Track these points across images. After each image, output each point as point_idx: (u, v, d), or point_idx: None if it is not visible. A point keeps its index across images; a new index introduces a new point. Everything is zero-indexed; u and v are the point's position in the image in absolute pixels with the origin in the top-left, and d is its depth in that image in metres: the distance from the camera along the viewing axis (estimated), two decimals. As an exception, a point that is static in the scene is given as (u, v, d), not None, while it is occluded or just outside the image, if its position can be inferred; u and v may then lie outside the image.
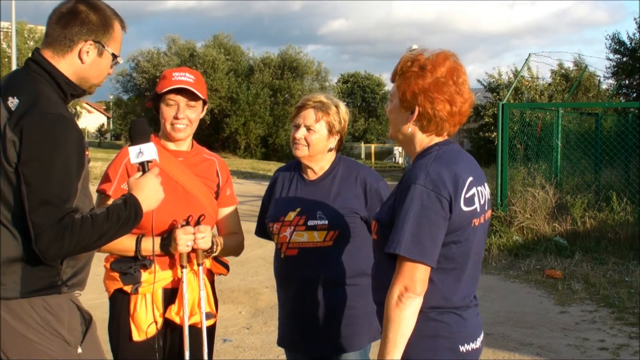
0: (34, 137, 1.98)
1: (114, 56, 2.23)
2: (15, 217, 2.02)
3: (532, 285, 7.48)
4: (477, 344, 2.15)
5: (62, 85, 2.15)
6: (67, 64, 2.16)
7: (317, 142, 2.86)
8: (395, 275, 2.00)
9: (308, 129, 2.86)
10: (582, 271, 7.96)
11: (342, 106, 2.94)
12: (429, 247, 1.98)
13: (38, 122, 1.99)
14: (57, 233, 1.96)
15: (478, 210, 2.10)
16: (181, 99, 2.75)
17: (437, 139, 2.15)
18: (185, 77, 2.76)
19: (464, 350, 2.09)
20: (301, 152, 2.88)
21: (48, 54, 2.15)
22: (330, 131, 2.89)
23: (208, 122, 35.79)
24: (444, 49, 2.14)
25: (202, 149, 2.97)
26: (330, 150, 2.92)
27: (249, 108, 35.97)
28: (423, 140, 2.15)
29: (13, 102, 2.02)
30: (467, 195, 2.04)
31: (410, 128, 2.13)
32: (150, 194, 2.24)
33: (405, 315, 1.97)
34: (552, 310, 6.49)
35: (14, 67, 26.73)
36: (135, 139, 2.37)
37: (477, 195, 2.09)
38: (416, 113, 2.09)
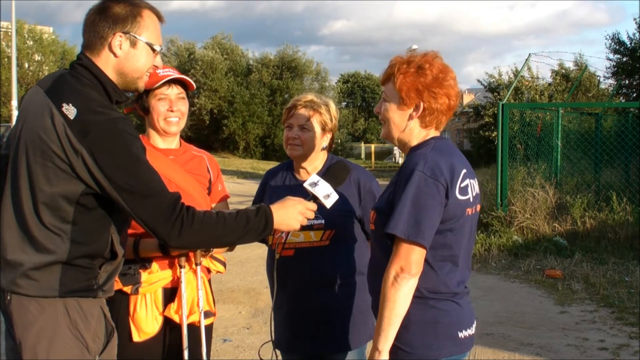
0: (108, 146, 1.99)
1: (150, 45, 2.18)
2: (66, 223, 2.04)
3: (532, 285, 7.48)
4: (473, 330, 2.29)
5: (109, 91, 2.14)
6: (104, 62, 2.14)
7: (311, 140, 2.88)
8: (392, 257, 2.12)
9: (301, 128, 2.88)
10: (582, 271, 7.96)
11: (332, 104, 2.98)
12: (426, 229, 2.10)
13: (106, 131, 2.00)
14: (176, 221, 2.02)
15: (471, 200, 2.24)
16: (172, 92, 2.77)
17: (432, 133, 2.30)
18: (170, 71, 2.78)
19: (462, 337, 2.23)
20: (296, 151, 2.89)
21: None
22: (323, 129, 2.91)
23: (207, 122, 35.79)
24: (427, 50, 2.32)
25: (190, 146, 2.97)
26: (323, 149, 2.94)
27: (247, 108, 35.98)
28: (420, 134, 2.30)
29: (69, 109, 2.00)
30: (462, 185, 2.19)
31: (412, 124, 2.27)
32: (288, 216, 2.26)
33: (400, 295, 2.10)
34: (552, 310, 6.49)
35: (14, 67, 26.71)
36: (326, 175, 2.43)
37: (470, 186, 2.24)
38: (421, 108, 2.23)
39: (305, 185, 2.38)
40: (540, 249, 8.91)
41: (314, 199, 2.36)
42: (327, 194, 2.36)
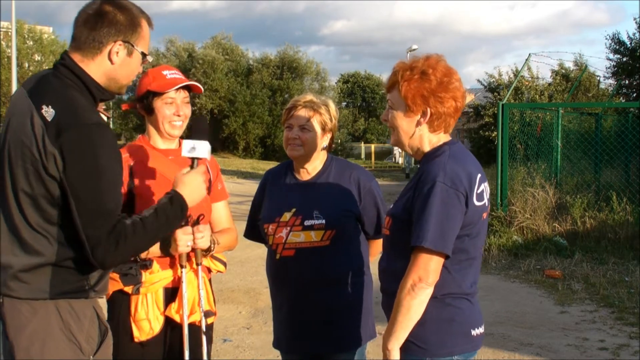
0: (77, 151, 1.98)
1: (143, 55, 2.20)
2: (51, 225, 2.03)
3: (532, 285, 7.49)
4: (483, 328, 2.33)
5: (93, 91, 2.13)
6: (97, 66, 2.13)
7: (311, 141, 2.88)
8: (410, 266, 2.15)
9: (302, 128, 2.87)
10: (582, 271, 7.96)
11: (332, 104, 2.97)
12: (450, 239, 2.14)
13: (78, 135, 1.98)
14: (112, 242, 2.00)
15: (486, 205, 2.28)
16: (179, 96, 2.77)
17: (444, 137, 2.31)
18: (178, 75, 2.79)
19: (475, 334, 2.28)
20: (297, 152, 2.89)
21: (77, 58, 2.12)
22: (323, 129, 2.91)
23: (207, 122, 35.77)
24: (429, 53, 2.32)
25: None
26: (323, 149, 2.94)
27: (247, 108, 35.96)
28: (432, 139, 2.31)
29: (48, 111, 2.00)
30: (478, 191, 2.22)
31: (421, 130, 2.28)
32: (194, 190, 2.31)
33: (415, 303, 2.14)
34: (552, 310, 6.50)
35: (14, 67, 26.70)
36: (193, 135, 2.51)
37: (484, 191, 2.27)
38: (429, 114, 2.25)
39: (186, 155, 2.48)
40: (540, 249, 8.91)
41: (195, 161, 2.47)
42: (207, 150, 2.48)
